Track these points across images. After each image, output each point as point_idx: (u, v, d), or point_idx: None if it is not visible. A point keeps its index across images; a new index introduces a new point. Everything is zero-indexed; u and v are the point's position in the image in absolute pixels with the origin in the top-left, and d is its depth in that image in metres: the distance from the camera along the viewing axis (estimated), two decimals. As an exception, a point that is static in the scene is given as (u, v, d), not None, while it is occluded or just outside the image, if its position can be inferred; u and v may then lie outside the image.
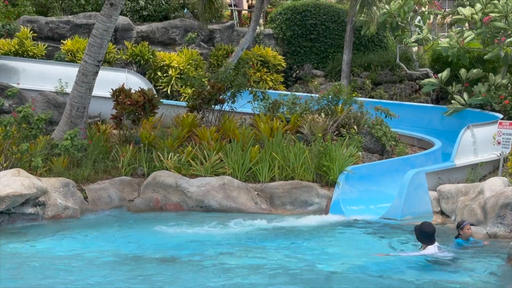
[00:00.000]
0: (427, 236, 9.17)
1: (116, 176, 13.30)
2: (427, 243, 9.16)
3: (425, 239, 9.18)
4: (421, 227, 9.26)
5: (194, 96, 15.52)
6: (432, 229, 9.21)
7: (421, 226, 9.27)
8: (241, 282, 8.21)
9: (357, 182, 13.23)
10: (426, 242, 9.18)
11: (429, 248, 9.13)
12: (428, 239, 9.16)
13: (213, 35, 21.18)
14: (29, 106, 13.27)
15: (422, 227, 9.26)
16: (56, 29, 18.72)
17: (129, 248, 9.77)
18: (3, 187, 11.14)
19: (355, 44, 21.79)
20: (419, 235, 9.26)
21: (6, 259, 9.02)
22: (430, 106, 18.53)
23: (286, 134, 14.63)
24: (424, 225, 9.31)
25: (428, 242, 9.16)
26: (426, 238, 9.18)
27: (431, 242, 9.15)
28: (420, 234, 9.24)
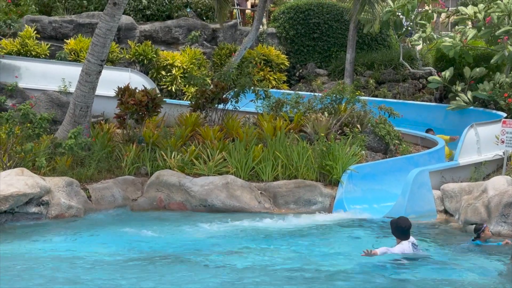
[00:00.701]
0: (402, 231, 9.06)
1: (120, 175, 13.30)
2: (402, 238, 9.05)
3: (401, 234, 9.07)
4: (397, 221, 9.16)
5: (197, 95, 15.52)
6: (408, 224, 9.09)
7: (397, 221, 9.18)
8: (245, 282, 8.19)
9: (361, 181, 13.22)
10: (401, 237, 9.07)
11: (404, 243, 9.01)
12: (403, 234, 9.05)
13: (216, 34, 21.18)
14: (29, 103, 13.25)
15: (398, 222, 9.16)
16: (59, 29, 18.74)
17: (133, 248, 9.76)
18: (6, 186, 11.15)
19: (358, 43, 21.77)
20: (394, 230, 9.16)
21: (9, 259, 9.02)
22: (434, 105, 18.52)
23: (289, 133, 14.61)
24: (400, 220, 9.20)
25: (403, 237, 9.05)
26: (401, 233, 9.07)
27: (405, 238, 9.05)
28: (396, 229, 9.13)
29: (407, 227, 9.08)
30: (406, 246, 8.99)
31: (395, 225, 9.14)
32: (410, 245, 9.02)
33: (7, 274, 8.30)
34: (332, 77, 21.56)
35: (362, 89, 19.56)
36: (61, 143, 12.71)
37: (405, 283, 8.28)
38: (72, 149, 12.62)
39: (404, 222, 9.11)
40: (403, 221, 9.15)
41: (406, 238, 9.06)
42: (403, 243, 9.01)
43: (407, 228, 9.07)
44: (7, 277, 8.19)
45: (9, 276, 8.25)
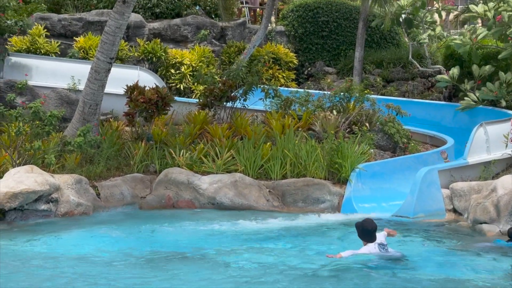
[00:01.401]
0: (368, 234, 8.94)
1: (128, 173, 13.33)
2: (368, 241, 8.93)
3: (366, 236, 8.95)
4: (362, 224, 9.02)
5: (205, 93, 15.53)
6: (373, 226, 8.96)
7: (363, 224, 9.03)
8: (253, 280, 8.20)
9: (369, 179, 13.21)
10: (366, 239, 8.95)
11: (369, 246, 8.89)
12: (369, 236, 8.94)
13: (225, 32, 21.18)
14: (39, 101, 13.28)
15: (363, 224, 9.01)
16: (68, 26, 18.79)
17: (142, 246, 9.77)
18: (16, 183, 11.20)
19: (367, 41, 21.74)
20: (360, 233, 9.02)
21: (19, 256, 9.06)
22: (443, 104, 18.46)
23: (298, 131, 14.61)
24: (365, 222, 9.06)
25: (368, 240, 8.93)
26: (366, 236, 8.95)
27: (371, 240, 8.92)
28: (361, 232, 9.00)
29: (373, 229, 8.93)
30: (372, 248, 8.87)
31: (361, 228, 8.99)
32: (376, 246, 8.88)
33: (17, 272, 8.35)
34: (341, 75, 21.53)
35: (370, 87, 19.53)
36: (70, 141, 12.75)
37: (418, 282, 8.25)
38: (81, 147, 12.66)
39: (369, 225, 8.97)
40: (369, 223, 9.00)
41: (372, 240, 8.92)
42: (369, 245, 8.89)
43: (373, 231, 8.93)
44: (14, 275, 8.23)
45: (19, 273, 8.30)
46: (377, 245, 8.90)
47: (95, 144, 13.14)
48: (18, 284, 7.82)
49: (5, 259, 8.89)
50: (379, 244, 8.91)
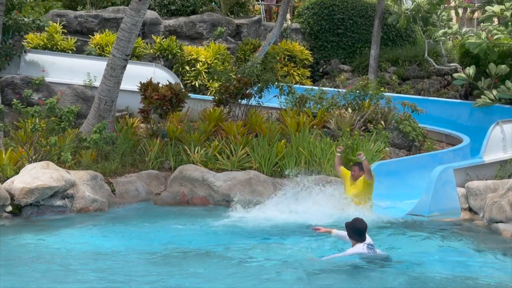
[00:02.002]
0: (358, 233, 8.71)
1: (143, 169, 13.38)
2: (358, 240, 8.69)
3: (356, 235, 8.72)
4: (353, 223, 8.79)
5: (220, 90, 15.55)
6: (364, 226, 8.75)
7: (353, 223, 8.80)
8: (267, 277, 8.19)
9: (384, 177, 13.13)
10: (356, 238, 8.71)
11: (358, 246, 8.67)
12: (359, 236, 8.71)
13: (240, 30, 21.18)
14: (55, 98, 13.34)
15: (354, 223, 8.78)
16: (84, 23, 18.87)
17: (158, 242, 9.79)
18: (32, 179, 11.27)
19: (383, 39, 21.66)
20: (350, 232, 8.78)
21: (33, 252, 9.12)
22: (459, 102, 18.36)
23: (313, 129, 14.59)
24: (356, 221, 8.83)
25: (358, 239, 8.69)
26: (357, 235, 8.72)
27: (361, 240, 8.69)
28: (352, 230, 8.76)
29: (363, 228, 8.73)
30: (361, 248, 8.65)
31: (351, 226, 8.77)
32: (365, 247, 8.66)
33: (32, 267, 8.40)
34: (356, 73, 21.48)
35: (386, 85, 19.46)
36: (85, 138, 12.82)
37: (428, 282, 8.21)
38: (97, 144, 12.71)
39: (360, 224, 8.76)
40: (359, 222, 8.79)
41: (362, 240, 8.71)
42: (357, 246, 8.68)
43: (364, 230, 8.73)
44: (29, 270, 8.28)
45: (34, 268, 8.35)
46: (365, 246, 8.68)
47: (111, 141, 13.20)
48: (34, 279, 7.86)
49: (21, 254, 8.96)
50: (368, 245, 8.70)
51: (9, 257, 8.81)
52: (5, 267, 8.29)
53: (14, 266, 8.46)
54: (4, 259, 8.63)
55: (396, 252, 9.50)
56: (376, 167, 13.12)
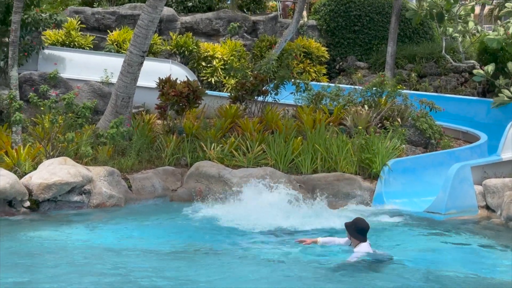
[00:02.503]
0: (362, 232, 8.61)
1: (160, 165, 13.42)
2: (361, 240, 8.58)
3: (360, 235, 8.60)
4: (356, 223, 8.70)
5: (237, 87, 15.57)
6: (367, 225, 8.68)
7: (356, 222, 8.71)
8: (281, 273, 8.19)
9: (401, 175, 13.12)
10: (360, 238, 8.59)
11: (364, 246, 8.57)
12: (363, 235, 8.60)
13: (256, 27, 21.19)
14: (73, 93, 13.38)
15: (357, 223, 8.69)
16: (102, 20, 18.97)
17: (174, 238, 9.82)
18: (50, 175, 11.35)
19: (400, 36, 21.57)
20: (353, 232, 8.64)
21: (49, 247, 9.18)
22: (476, 99, 18.25)
23: (329, 126, 14.57)
24: (358, 220, 8.75)
25: (362, 239, 8.59)
26: (360, 234, 8.61)
27: (364, 239, 8.60)
28: (355, 230, 8.62)
29: (367, 227, 8.66)
30: (367, 247, 8.57)
31: (354, 226, 8.66)
32: (369, 245, 8.60)
33: (50, 261, 8.46)
34: (373, 70, 21.41)
35: (403, 82, 19.37)
36: (102, 133, 12.88)
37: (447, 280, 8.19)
38: (114, 139, 12.76)
39: (363, 223, 8.69)
40: (362, 221, 8.73)
41: (365, 240, 8.62)
42: (362, 245, 8.57)
43: (367, 229, 8.66)
44: (48, 266, 8.34)
45: (51, 264, 8.41)
46: (369, 245, 8.62)
47: (127, 136, 13.24)
48: (50, 273, 7.91)
49: (37, 248, 9.04)
50: (369, 244, 8.65)
51: (25, 251, 8.89)
52: (23, 261, 8.38)
53: (31, 259, 8.54)
54: (21, 253, 8.73)
55: (412, 250, 9.49)
56: (393, 164, 13.10)
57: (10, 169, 11.78)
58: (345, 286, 7.77)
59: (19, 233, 9.83)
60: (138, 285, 7.56)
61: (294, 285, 7.76)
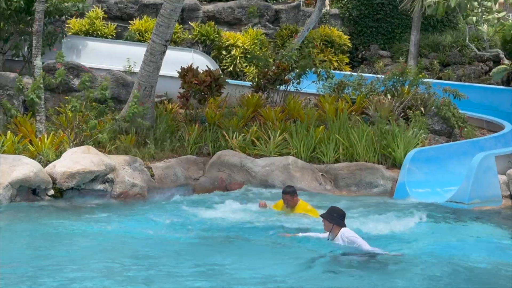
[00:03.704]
0: (342, 217, 8.49)
1: (182, 154, 13.45)
2: (342, 225, 8.44)
3: (341, 220, 8.46)
4: (333, 209, 8.55)
5: (259, 76, 15.55)
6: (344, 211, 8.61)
7: (333, 209, 8.56)
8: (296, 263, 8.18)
9: (424, 164, 13.03)
10: (341, 224, 8.43)
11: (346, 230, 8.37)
12: (343, 219, 8.48)
13: (278, 15, 21.13)
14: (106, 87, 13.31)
15: (334, 209, 8.55)
16: (124, 9, 19.04)
17: (196, 227, 9.83)
18: (73, 163, 11.44)
19: (423, 25, 21.38)
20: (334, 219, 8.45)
21: (71, 234, 9.27)
22: (501, 88, 18.08)
23: (351, 115, 14.51)
24: (334, 207, 8.64)
25: (343, 224, 8.46)
26: (341, 220, 8.46)
27: (344, 225, 8.48)
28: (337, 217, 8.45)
29: (344, 212, 8.60)
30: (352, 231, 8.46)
31: (335, 213, 8.51)
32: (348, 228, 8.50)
33: (71, 248, 8.55)
34: (396, 59, 21.25)
35: (426, 71, 19.21)
36: (119, 117, 12.89)
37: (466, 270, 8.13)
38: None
39: (339, 209, 8.62)
40: (338, 208, 8.66)
41: (345, 225, 8.52)
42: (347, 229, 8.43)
43: (345, 214, 8.59)
44: (73, 252, 8.42)
45: (73, 249, 8.49)
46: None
47: (148, 116, 13.21)
48: (69, 259, 7.97)
49: (59, 236, 9.15)
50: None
51: (48, 238, 9.01)
52: (46, 246, 8.52)
53: (53, 245, 8.64)
54: (43, 240, 8.86)
55: (435, 240, 9.43)
56: (415, 154, 13.02)
57: (34, 157, 11.88)
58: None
59: (43, 219, 9.93)
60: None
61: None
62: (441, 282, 7.56)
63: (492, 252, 8.88)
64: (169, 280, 7.23)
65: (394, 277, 7.66)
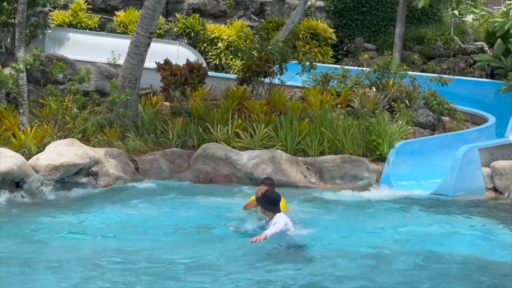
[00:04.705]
0: (274, 202, 8.44)
1: (166, 147, 13.40)
2: (277, 210, 8.43)
3: (273, 206, 8.43)
4: (266, 195, 8.51)
5: (244, 69, 15.52)
6: (278, 195, 8.53)
7: (265, 194, 8.53)
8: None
9: (408, 157, 13.09)
10: (274, 210, 8.42)
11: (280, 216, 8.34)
12: (276, 205, 8.45)
13: (264, 8, 21.10)
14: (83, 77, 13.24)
15: (266, 194, 8.51)
16: (108, 1, 18.92)
17: (181, 220, 9.83)
18: (57, 156, 11.36)
19: (408, 17, 21.41)
20: (266, 204, 8.43)
21: (55, 227, 9.23)
22: (485, 81, 18.15)
23: (337, 108, 14.52)
24: (268, 192, 8.59)
25: (276, 210, 8.43)
26: (274, 205, 8.44)
27: (279, 210, 8.45)
28: (268, 202, 8.42)
29: (279, 197, 8.52)
30: (285, 216, 8.39)
31: (265, 199, 8.48)
32: (284, 214, 8.45)
33: (54, 242, 8.50)
34: (381, 51, 21.28)
35: (411, 64, 19.26)
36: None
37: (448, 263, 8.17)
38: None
39: (273, 193, 8.56)
40: (272, 192, 8.61)
41: (279, 210, 8.48)
42: (280, 215, 8.40)
43: (279, 199, 8.52)
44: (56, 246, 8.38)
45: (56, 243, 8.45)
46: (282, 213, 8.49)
47: (134, 112, 13.14)
48: (54, 253, 7.95)
49: (43, 230, 9.09)
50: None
51: (31, 233, 8.95)
52: (27, 241, 8.45)
53: (35, 240, 8.59)
54: (26, 235, 8.79)
55: (420, 231, 9.47)
56: (400, 146, 13.07)
57: (17, 150, 11.79)
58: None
59: (26, 214, 9.86)
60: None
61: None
62: (423, 274, 7.59)
63: (475, 244, 8.93)
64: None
65: (375, 271, 7.67)
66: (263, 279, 7.19)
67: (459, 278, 7.52)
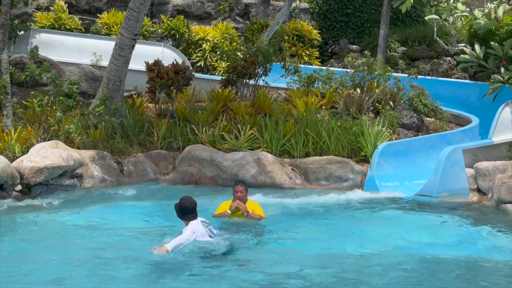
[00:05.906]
0: (188, 211, 8.33)
1: (152, 149, 13.38)
2: (190, 219, 8.32)
3: (187, 214, 8.34)
4: (180, 203, 8.41)
5: (228, 70, 15.52)
6: (192, 202, 8.38)
7: (180, 202, 8.42)
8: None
9: (392, 158, 13.14)
10: (188, 218, 8.33)
11: (193, 223, 8.24)
12: (191, 213, 8.33)
13: (248, 9, 21.11)
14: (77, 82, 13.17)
15: (181, 202, 8.41)
16: (92, 3, 18.85)
17: (166, 221, 9.82)
18: (41, 159, 11.30)
19: (392, 19, 21.51)
20: (180, 213, 8.38)
21: (40, 230, 9.22)
22: (468, 83, 18.27)
23: (321, 109, 14.55)
24: (183, 200, 8.46)
25: (191, 218, 8.32)
26: (188, 214, 8.33)
27: (194, 217, 8.33)
28: (180, 211, 8.36)
29: (192, 205, 8.37)
30: (195, 225, 8.27)
31: (179, 206, 8.40)
32: (199, 222, 8.32)
33: (40, 243, 8.47)
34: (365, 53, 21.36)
35: (394, 65, 19.35)
36: (89, 113, 12.76)
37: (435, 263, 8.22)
38: (102, 116, 12.65)
39: (187, 201, 8.42)
40: (186, 200, 8.45)
41: (195, 217, 8.36)
42: (192, 223, 8.29)
43: (193, 207, 8.37)
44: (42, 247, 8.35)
45: (42, 244, 8.42)
46: (200, 222, 8.36)
47: (118, 113, 13.10)
48: (39, 254, 7.92)
49: (27, 232, 9.07)
50: (202, 221, 8.41)
51: (16, 235, 8.93)
52: (12, 243, 8.42)
53: (21, 242, 8.59)
54: (10, 237, 8.77)
55: (403, 233, 9.51)
56: (384, 148, 13.12)
57: (1, 152, 11.71)
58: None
59: (11, 216, 9.82)
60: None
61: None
62: (405, 276, 7.63)
63: (459, 244, 9.01)
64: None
65: (364, 275, 7.70)
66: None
67: (443, 279, 7.57)
